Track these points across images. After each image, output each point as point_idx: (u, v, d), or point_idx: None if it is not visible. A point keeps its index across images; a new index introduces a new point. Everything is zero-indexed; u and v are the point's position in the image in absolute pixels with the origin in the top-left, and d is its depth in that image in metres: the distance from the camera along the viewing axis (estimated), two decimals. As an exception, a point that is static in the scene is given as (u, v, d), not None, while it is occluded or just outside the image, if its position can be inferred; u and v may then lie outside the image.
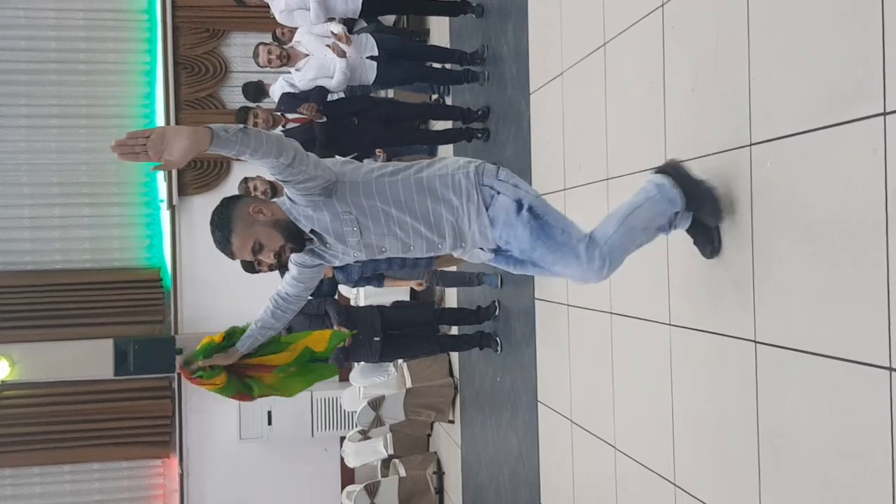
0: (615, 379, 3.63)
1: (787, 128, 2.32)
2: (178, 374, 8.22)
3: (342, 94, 5.56)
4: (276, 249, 2.43)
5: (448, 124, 6.28)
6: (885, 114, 1.94)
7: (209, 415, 8.32)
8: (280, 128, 5.21)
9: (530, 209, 2.44)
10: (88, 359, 7.87)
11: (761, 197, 2.47)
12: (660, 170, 2.65)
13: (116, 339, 7.87)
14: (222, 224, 2.42)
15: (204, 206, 8.31)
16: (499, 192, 2.46)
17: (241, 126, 2.23)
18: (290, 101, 5.15)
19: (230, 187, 7.77)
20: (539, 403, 4.71)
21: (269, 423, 8.10)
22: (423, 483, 7.23)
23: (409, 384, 6.87)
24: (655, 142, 3.15)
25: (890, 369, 1.94)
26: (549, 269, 2.61)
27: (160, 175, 8.26)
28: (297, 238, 2.46)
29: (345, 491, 7.63)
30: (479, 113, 5.61)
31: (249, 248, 2.42)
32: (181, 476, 8.28)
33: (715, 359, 2.77)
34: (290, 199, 2.44)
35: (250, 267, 4.73)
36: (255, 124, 5.06)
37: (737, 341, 2.60)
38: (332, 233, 2.46)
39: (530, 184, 4.67)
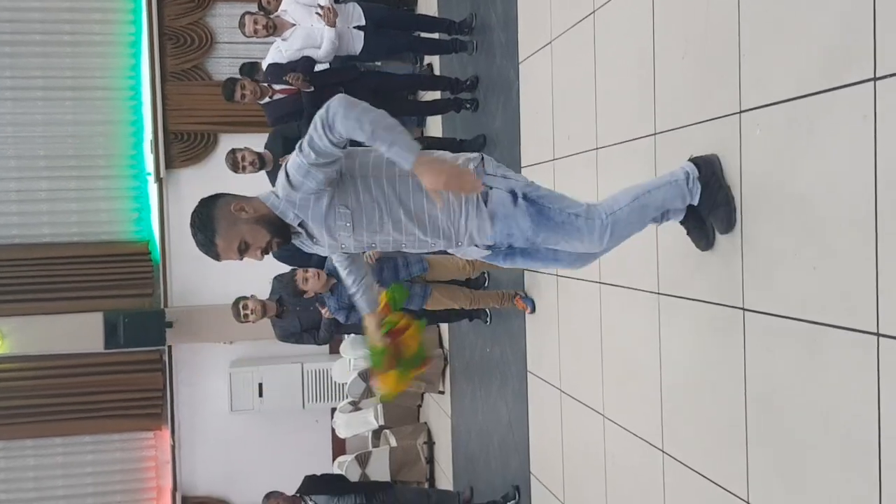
0: (604, 348, 3.64)
1: (777, 94, 2.31)
2: (169, 347, 8.23)
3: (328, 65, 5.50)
4: (262, 246, 2.37)
5: (436, 95, 6.24)
6: (875, 79, 1.93)
7: (200, 387, 8.34)
8: (267, 98, 5.15)
9: (525, 197, 2.41)
10: (78, 332, 7.85)
11: (750, 164, 2.46)
12: (696, 159, 2.61)
13: (106, 313, 7.83)
14: (204, 226, 2.34)
15: (191, 178, 8.25)
16: (491, 188, 2.41)
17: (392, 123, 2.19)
18: (277, 71, 5.10)
19: (217, 159, 7.71)
20: (528, 373, 4.73)
21: (260, 395, 8.12)
22: (414, 453, 7.28)
23: None
24: (645, 110, 3.13)
25: (877, 335, 1.95)
26: (547, 259, 2.61)
27: (147, 148, 8.20)
28: (282, 231, 2.39)
29: (336, 461, 7.68)
30: (468, 83, 5.57)
31: (235, 248, 2.35)
32: (173, 448, 8.30)
33: (703, 327, 2.78)
34: (275, 194, 2.36)
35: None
36: (243, 96, 5.00)
37: (725, 309, 2.61)
38: (324, 225, 2.37)
39: (519, 155, 4.67)
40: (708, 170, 2.56)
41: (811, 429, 2.20)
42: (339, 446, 8.42)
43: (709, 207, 2.58)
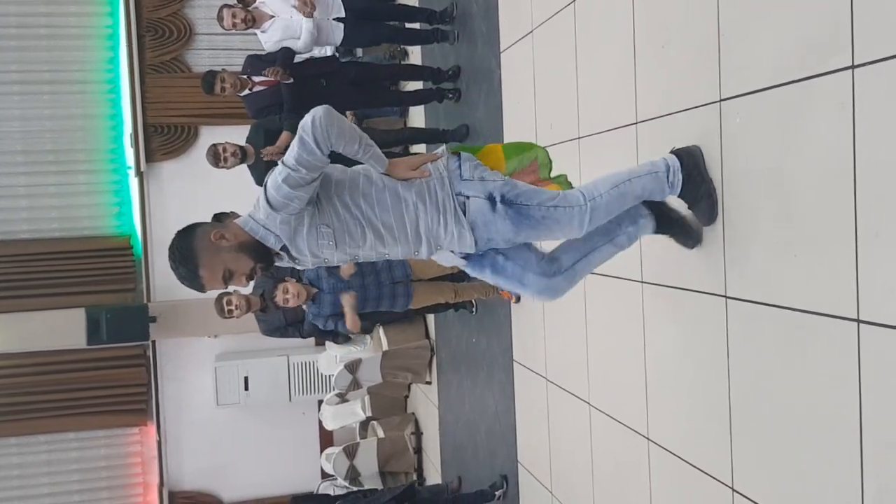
0: (589, 336, 3.66)
1: (757, 83, 2.31)
2: (153, 343, 8.18)
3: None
4: (246, 272, 2.33)
5: (418, 85, 6.22)
6: (853, 67, 1.94)
7: (185, 382, 8.30)
8: (247, 90, 5.12)
9: (503, 199, 2.38)
10: (61, 329, 7.78)
11: (730, 153, 2.47)
12: (678, 151, 2.59)
13: (88, 309, 7.77)
14: (185, 259, 2.28)
15: (172, 172, 8.19)
16: (468, 197, 2.38)
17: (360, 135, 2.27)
18: (256, 63, 5.06)
19: (198, 152, 7.65)
20: (514, 363, 4.74)
21: (246, 388, 8.10)
22: (402, 443, 7.29)
23: (385, 347, 6.89)
24: (626, 99, 3.13)
25: (858, 321, 1.97)
26: (513, 280, 2.58)
27: (127, 141, 8.12)
28: (264, 256, 2.35)
29: (324, 454, 7.68)
30: (450, 73, 5.55)
31: (220, 278, 2.30)
32: (159, 443, 8.27)
33: (686, 314, 2.80)
34: (253, 218, 2.31)
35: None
36: (223, 88, 4.96)
37: (708, 297, 2.63)
38: (307, 245, 2.35)
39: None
40: (690, 162, 2.55)
41: (794, 414, 2.22)
42: (326, 438, 8.41)
43: (691, 200, 2.57)
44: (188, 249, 2.28)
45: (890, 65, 1.82)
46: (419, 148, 6.24)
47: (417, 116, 6.78)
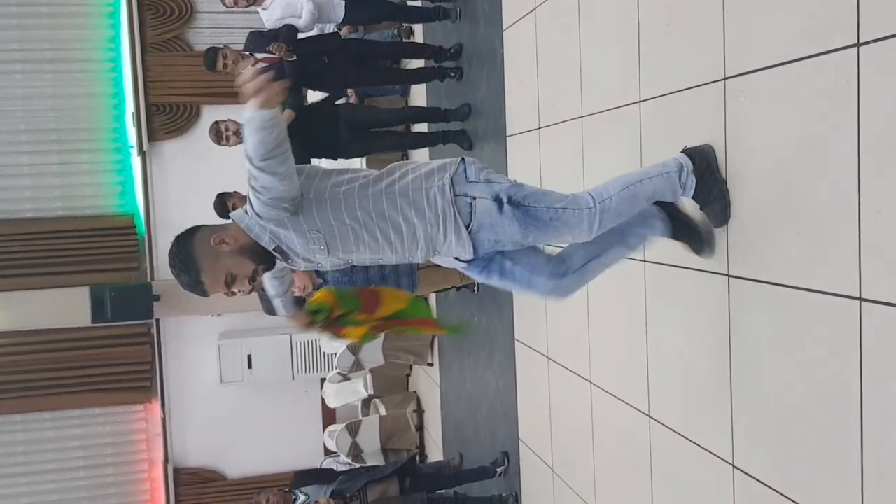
0: (591, 315, 3.67)
1: (762, 61, 2.31)
2: (157, 321, 8.22)
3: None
4: (249, 276, 2.30)
5: (420, 63, 6.20)
6: (858, 45, 1.93)
7: (189, 360, 8.35)
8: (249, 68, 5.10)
9: (510, 200, 2.32)
10: (65, 307, 7.82)
11: (734, 131, 2.47)
12: (690, 150, 2.54)
13: (92, 287, 7.80)
14: (186, 266, 2.25)
15: (174, 151, 8.19)
16: (475, 198, 2.32)
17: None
18: (259, 40, 5.04)
19: (201, 131, 7.66)
20: (516, 341, 4.76)
21: (250, 366, 8.14)
22: (404, 421, 7.34)
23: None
24: (630, 78, 3.12)
25: (860, 299, 1.98)
26: (522, 283, 2.54)
27: (129, 120, 8.11)
28: (266, 258, 2.32)
29: (327, 431, 7.74)
30: (452, 51, 5.53)
31: (222, 283, 2.27)
32: (163, 420, 8.33)
33: (688, 293, 2.81)
34: (252, 214, 2.27)
35: (224, 211, 4.69)
36: (225, 65, 4.95)
37: (709, 275, 2.63)
38: (299, 250, 2.31)
39: (505, 124, 4.65)
40: (702, 162, 2.49)
41: (795, 392, 2.24)
42: (329, 416, 8.47)
43: (703, 201, 2.51)
44: (188, 256, 2.24)
45: (895, 42, 1.82)
46: (421, 127, 6.23)
47: (419, 95, 6.76)
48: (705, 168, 2.49)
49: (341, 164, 5.95)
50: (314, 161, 5.34)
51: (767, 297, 2.34)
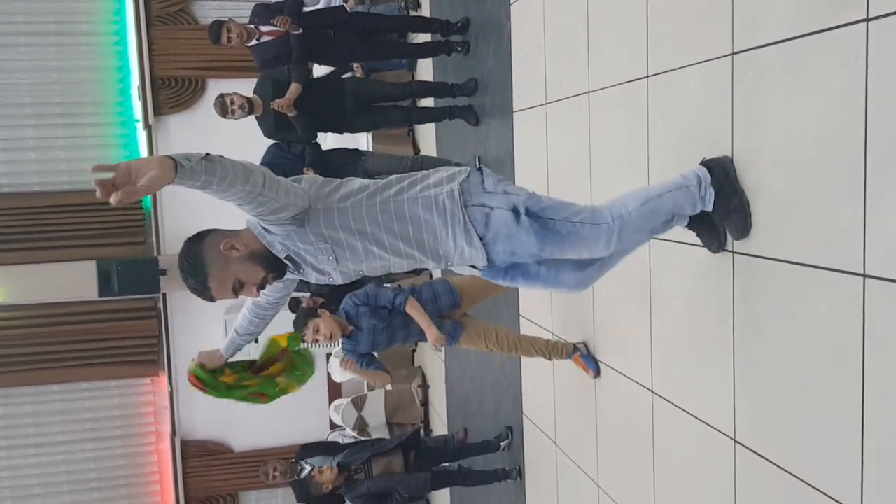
0: (595, 291, 3.67)
1: (770, 36, 2.29)
2: (163, 295, 8.26)
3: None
4: (258, 283, 2.25)
5: (427, 37, 6.16)
6: (867, 20, 1.91)
7: (196, 334, 8.39)
8: (254, 41, 5.08)
9: (528, 212, 2.27)
10: (72, 281, 7.86)
11: (741, 106, 2.45)
12: (708, 162, 2.49)
13: (99, 262, 7.84)
14: (195, 270, 2.19)
15: (180, 125, 8.17)
16: (492, 208, 2.27)
17: (204, 154, 1.94)
18: (264, 13, 5.02)
19: (206, 105, 7.63)
20: (520, 317, 4.78)
21: (256, 341, 8.15)
22: (409, 396, 7.39)
23: None
24: (637, 53, 3.10)
25: (864, 276, 1.98)
26: (548, 282, 2.52)
27: (134, 94, 8.09)
28: (276, 266, 2.28)
29: (332, 405, 7.80)
30: (459, 25, 5.49)
31: (230, 289, 2.22)
32: (171, 394, 8.40)
33: (693, 269, 2.81)
34: (261, 226, 2.24)
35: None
36: (230, 39, 4.92)
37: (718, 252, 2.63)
38: (307, 261, 2.29)
39: (511, 99, 4.63)
40: (721, 174, 2.44)
41: (797, 368, 2.25)
42: (334, 390, 8.53)
43: (722, 213, 2.47)
44: (197, 259, 2.19)
45: (904, 17, 1.81)
46: (428, 101, 6.20)
47: (426, 69, 6.72)
48: (724, 180, 2.44)
49: (347, 138, 5.93)
50: (320, 135, 5.34)
51: (772, 273, 2.34)
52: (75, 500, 8.45)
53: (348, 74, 5.89)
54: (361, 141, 6.79)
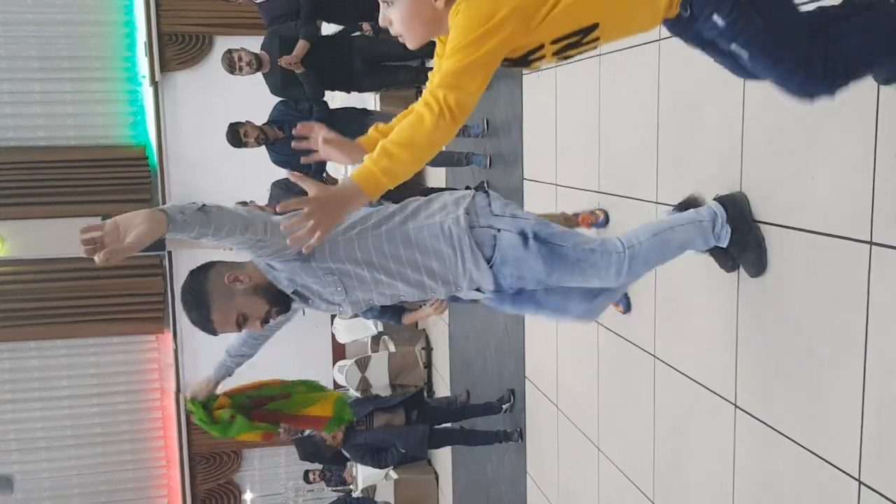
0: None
1: None
2: (169, 253, 8.29)
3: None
4: (261, 317, 2.22)
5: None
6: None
7: (201, 293, 8.43)
8: (263, -2, 5.03)
9: (536, 236, 2.22)
10: (78, 236, 7.88)
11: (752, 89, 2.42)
12: (722, 199, 2.44)
13: (104, 218, 7.81)
14: (198, 302, 2.16)
15: (187, 82, 8.13)
16: (500, 230, 2.22)
17: (200, 205, 1.94)
18: (273, -30, 4.96)
19: (213, 62, 7.58)
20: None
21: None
22: (412, 358, 7.42)
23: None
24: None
25: (870, 243, 1.96)
26: (556, 310, 2.46)
27: (141, 50, 8.04)
28: (281, 300, 2.24)
29: (336, 365, 7.84)
30: None
31: (233, 322, 2.19)
32: (175, 351, 8.47)
33: (699, 235, 2.79)
34: (266, 262, 2.21)
35: (236, 141, 4.67)
36: (238, -5, 4.88)
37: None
38: (315, 293, 2.24)
39: (522, 95, 4.57)
40: (735, 210, 2.40)
41: (800, 334, 2.24)
42: (338, 351, 8.59)
43: (739, 250, 2.43)
44: (201, 293, 2.17)
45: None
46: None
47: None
48: (738, 215, 2.39)
49: (354, 97, 5.89)
50: (328, 94, 5.30)
51: (778, 240, 2.32)
52: (80, 453, 8.57)
53: (357, 33, 5.83)
54: (369, 101, 6.74)
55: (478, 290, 2.35)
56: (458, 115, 1.57)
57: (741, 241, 2.40)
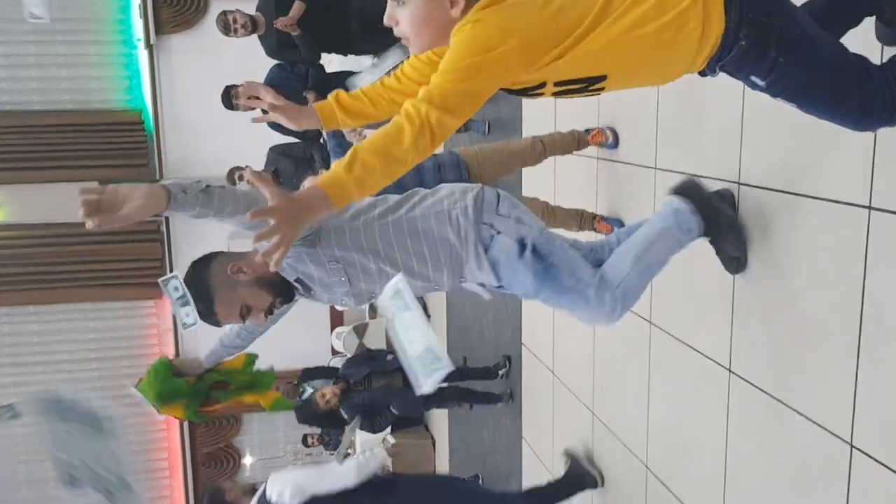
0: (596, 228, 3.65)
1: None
2: (167, 219, 8.26)
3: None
4: (265, 308, 2.20)
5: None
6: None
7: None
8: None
9: (534, 250, 2.15)
10: (75, 201, 7.83)
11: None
12: (676, 190, 2.35)
13: (102, 183, 7.79)
14: (201, 294, 2.13)
15: (183, 45, 8.03)
16: (498, 232, 2.17)
17: (204, 186, 1.92)
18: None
19: (209, 25, 7.47)
20: (523, 247, 4.76)
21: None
22: (410, 324, 7.44)
23: None
24: None
25: (869, 208, 1.95)
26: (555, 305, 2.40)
27: (136, 13, 7.93)
28: (285, 291, 2.22)
29: (334, 332, 7.88)
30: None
31: (237, 314, 2.17)
32: (174, 316, 8.48)
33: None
34: None
35: (230, 104, 4.63)
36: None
37: (719, 183, 2.60)
38: (319, 283, 2.21)
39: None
40: (695, 196, 2.31)
41: (797, 300, 2.24)
42: (336, 318, 8.60)
43: (715, 236, 2.38)
44: (204, 284, 2.15)
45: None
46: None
47: None
48: (700, 202, 2.31)
49: (351, 60, 5.82)
50: (325, 57, 5.23)
51: (777, 205, 2.31)
52: (81, 417, 8.62)
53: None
54: (366, 65, 6.66)
55: (481, 284, 2.32)
56: (438, 135, 1.46)
57: (715, 227, 2.34)
